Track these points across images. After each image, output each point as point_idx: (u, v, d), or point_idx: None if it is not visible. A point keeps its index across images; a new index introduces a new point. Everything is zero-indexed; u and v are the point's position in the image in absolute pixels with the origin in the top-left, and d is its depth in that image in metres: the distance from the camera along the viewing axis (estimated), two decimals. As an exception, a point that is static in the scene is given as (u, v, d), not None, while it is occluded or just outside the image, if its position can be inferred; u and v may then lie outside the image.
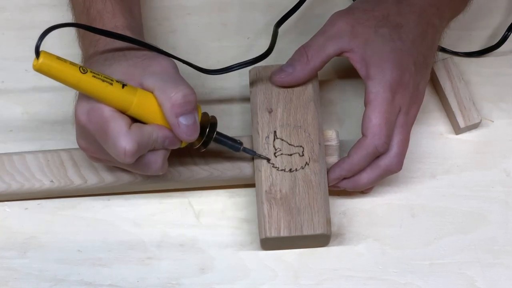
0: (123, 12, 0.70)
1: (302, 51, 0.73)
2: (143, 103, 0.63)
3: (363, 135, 0.71)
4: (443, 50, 0.83)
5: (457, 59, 0.82)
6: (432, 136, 0.80)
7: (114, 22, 0.69)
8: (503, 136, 0.80)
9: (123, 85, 0.62)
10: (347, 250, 0.75)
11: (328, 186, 0.73)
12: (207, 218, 0.77)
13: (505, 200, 0.77)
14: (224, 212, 0.77)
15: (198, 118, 0.65)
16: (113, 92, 0.61)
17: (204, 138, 0.68)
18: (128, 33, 0.68)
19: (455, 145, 0.79)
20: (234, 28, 0.85)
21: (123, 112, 0.63)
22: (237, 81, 0.82)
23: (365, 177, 0.73)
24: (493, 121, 0.80)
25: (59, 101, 0.81)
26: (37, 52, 0.58)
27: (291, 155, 0.73)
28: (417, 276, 0.74)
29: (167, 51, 0.69)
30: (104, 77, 0.61)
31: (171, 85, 0.63)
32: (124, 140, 0.61)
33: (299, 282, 0.74)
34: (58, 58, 0.59)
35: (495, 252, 0.75)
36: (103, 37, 0.67)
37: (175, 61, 0.68)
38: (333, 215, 0.76)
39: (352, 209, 0.77)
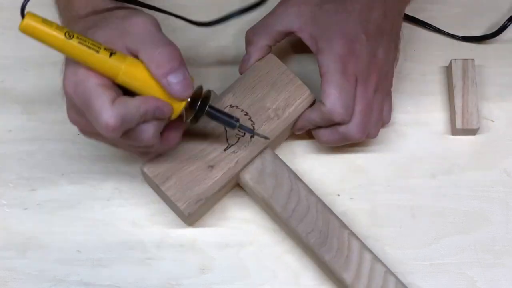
0: None
1: (248, 33, 0.76)
2: (132, 71, 0.61)
3: (322, 103, 0.72)
4: (439, 31, 0.83)
5: (475, 61, 0.80)
6: (433, 135, 0.80)
7: None
8: (504, 136, 0.79)
9: (111, 53, 0.60)
10: (347, 251, 0.75)
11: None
12: (207, 218, 0.76)
13: (505, 200, 0.77)
14: (224, 212, 0.77)
15: (188, 73, 0.63)
16: (100, 60, 0.60)
17: (196, 111, 0.66)
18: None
19: (455, 145, 0.79)
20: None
21: (112, 79, 0.61)
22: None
23: (324, 136, 0.74)
24: (493, 121, 0.80)
25: (58, 100, 0.81)
26: (23, 13, 0.57)
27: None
28: (418, 276, 0.74)
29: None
30: (91, 43, 0.59)
31: (153, 44, 0.62)
32: (106, 114, 0.60)
33: (299, 283, 0.74)
34: (44, 20, 0.58)
35: (495, 253, 0.75)
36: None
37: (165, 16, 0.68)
38: (333, 215, 0.76)
39: (352, 210, 0.77)
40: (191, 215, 0.72)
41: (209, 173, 0.72)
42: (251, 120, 0.74)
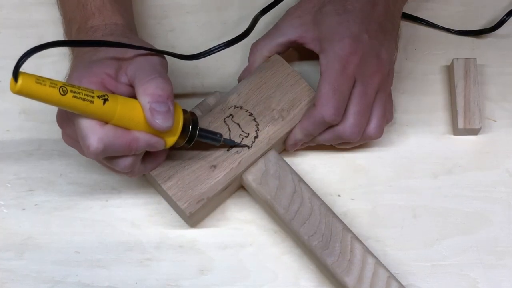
0: (121, 12, 0.72)
1: (252, 45, 0.77)
2: (125, 114, 0.63)
3: (313, 105, 0.72)
4: (434, 25, 0.83)
5: (477, 60, 0.80)
6: (434, 135, 0.79)
7: (115, 19, 0.71)
8: (506, 136, 0.79)
9: (105, 101, 0.61)
10: (348, 251, 0.75)
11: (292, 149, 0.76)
12: (206, 219, 0.76)
13: (507, 201, 0.77)
14: (224, 212, 0.76)
15: (173, 108, 0.64)
16: (94, 110, 0.61)
17: (189, 136, 0.68)
18: (127, 32, 0.70)
19: (457, 145, 0.79)
20: (233, 27, 0.84)
21: (105, 123, 0.63)
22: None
23: (320, 137, 0.74)
24: (496, 121, 0.80)
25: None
26: (16, 74, 0.56)
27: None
28: (419, 277, 0.74)
29: (166, 49, 0.69)
30: (85, 95, 0.60)
31: (149, 74, 0.64)
32: (92, 137, 0.62)
33: (299, 284, 0.74)
34: (37, 80, 0.57)
35: (497, 253, 0.75)
36: (94, 26, 0.70)
37: (165, 58, 0.69)
38: (334, 216, 0.75)
39: (353, 210, 0.76)
40: (193, 215, 0.71)
41: (211, 173, 0.71)
42: (256, 121, 0.74)
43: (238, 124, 0.73)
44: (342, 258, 0.70)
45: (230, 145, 0.72)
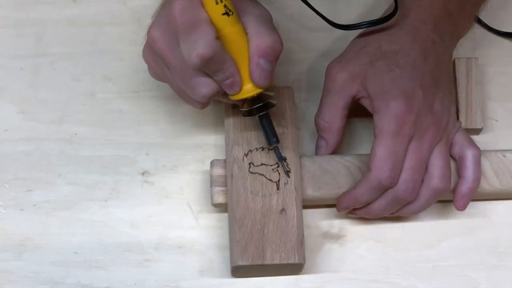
0: None
1: (318, 121, 0.74)
2: (233, 37, 0.65)
3: (368, 169, 0.69)
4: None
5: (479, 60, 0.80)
6: (436, 136, 0.79)
7: None
8: (508, 136, 0.79)
9: (226, 12, 0.63)
10: (348, 252, 0.74)
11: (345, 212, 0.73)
12: (206, 219, 0.76)
13: (509, 201, 0.76)
14: (224, 213, 0.76)
15: (274, 69, 0.66)
16: (212, 9, 0.63)
17: (252, 106, 0.67)
18: None
19: (458, 145, 0.78)
20: None
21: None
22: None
23: (375, 205, 0.71)
24: (497, 121, 0.79)
25: (55, 100, 0.80)
26: None
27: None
28: (420, 278, 0.73)
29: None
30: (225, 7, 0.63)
31: (265, 28, 0.65)
32: (205, 42, 0.62)
33: (299, 285, 0.73)
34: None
35: (499, 254, 0.74)
36: None
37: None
38: (335, 216, 0.75)
39: (354, 210, 0.76)
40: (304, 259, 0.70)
41: (287, 217, 0.70)
42: (272, 149, 0.72)
43: (262, 164, 0.72)
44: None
45: (277, 157, 0.71)
